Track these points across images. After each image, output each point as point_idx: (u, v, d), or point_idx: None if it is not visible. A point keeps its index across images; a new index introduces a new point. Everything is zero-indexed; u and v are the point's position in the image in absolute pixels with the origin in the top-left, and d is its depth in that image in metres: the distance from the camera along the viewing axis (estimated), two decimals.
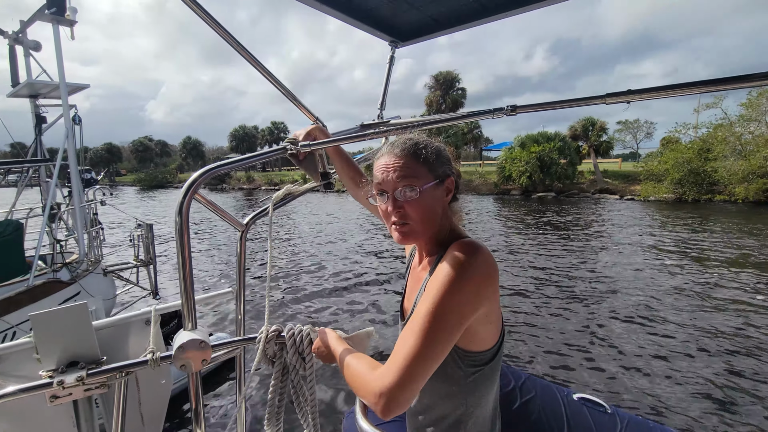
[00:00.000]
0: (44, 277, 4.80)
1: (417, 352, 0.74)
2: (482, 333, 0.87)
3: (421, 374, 0.74)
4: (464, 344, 0.87)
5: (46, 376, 1.06)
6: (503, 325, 0.94)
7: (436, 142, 0.99)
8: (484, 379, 0.91)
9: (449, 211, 0.98)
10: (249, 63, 1.37)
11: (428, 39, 1.89)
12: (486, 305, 0.82)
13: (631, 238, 12.63)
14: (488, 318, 0.85)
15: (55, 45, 4.95)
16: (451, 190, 0.97)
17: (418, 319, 0.78)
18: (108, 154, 67.90)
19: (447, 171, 0.95)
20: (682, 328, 5.82)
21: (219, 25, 1.27)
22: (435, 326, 0.76)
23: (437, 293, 0.78)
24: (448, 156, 0.99)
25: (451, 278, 0.78)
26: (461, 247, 0.83)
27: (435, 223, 0.93)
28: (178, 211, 1.09)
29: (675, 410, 4.01)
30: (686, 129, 25.50)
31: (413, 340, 0.76)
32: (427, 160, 0.91)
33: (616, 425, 1.74)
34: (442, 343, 0.76)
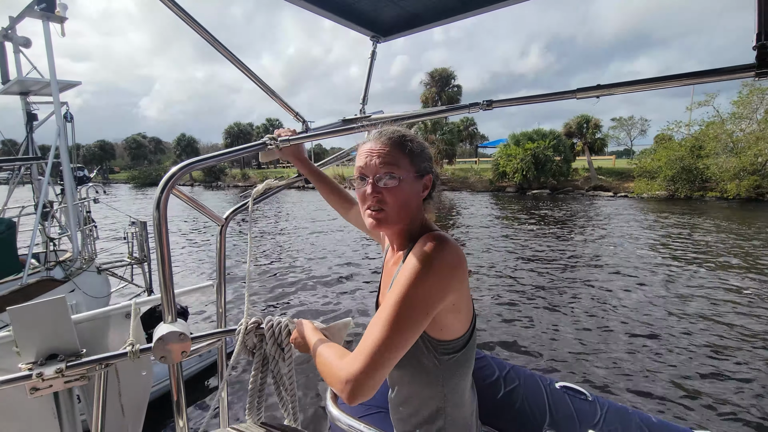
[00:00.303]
0: (38, 275, 4.79)
1: (382, 341, 0.77)
2: (452, 322, 0.90)
3: (387, 362, 0.77)
4: (435, 334, 0.90)
5: (25, 368, 1.08)
6: (474, 314, 0.97)
7: (422, 139, 1.02)
8: (458, 366, 0.94)
9: (423, 208, 1.00)
10: (233, 64, 1.39)
11: (410, 34, 1.90)
12: (453, 295, 0.84)
13: (622, 234, 12.77)
14: (456, 307, 0.88)
15: (46, 42, 4.92)
16: (428, 187, 0.98)
17: (385, 309, 0.80)
18: (101, 152, 67.36)
19: (428, 168, 0.97)
20: (668, 321, 5.92)
21: (199, 25, 1.28)
22: (401, 316, 0.78)
23: (404, 284, 0.80)
24: (430, 155, 1.01)
25: (418, 269, 0.80)
26: (428, 240, 0.85)
27: (408, 215, 0.95)
28: (156, 206, 1.11)
29: (653, 398, 4.12)
30: (679, 126, 25.68)
31: (379, 329, 0.78)
32: (411, 152, 0.93)
33: (596, 412, 1.79)
34: (407, 331, 0.78)
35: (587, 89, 1.08)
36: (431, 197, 1.02)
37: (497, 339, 5.51)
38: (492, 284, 7.90)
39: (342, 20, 1.74)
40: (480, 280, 8.16)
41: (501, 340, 5.48)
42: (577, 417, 1.79)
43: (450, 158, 32.59)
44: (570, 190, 27.91)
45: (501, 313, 6.40)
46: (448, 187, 32.87)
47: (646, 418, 1.75)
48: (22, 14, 5.12)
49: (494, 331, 5.78)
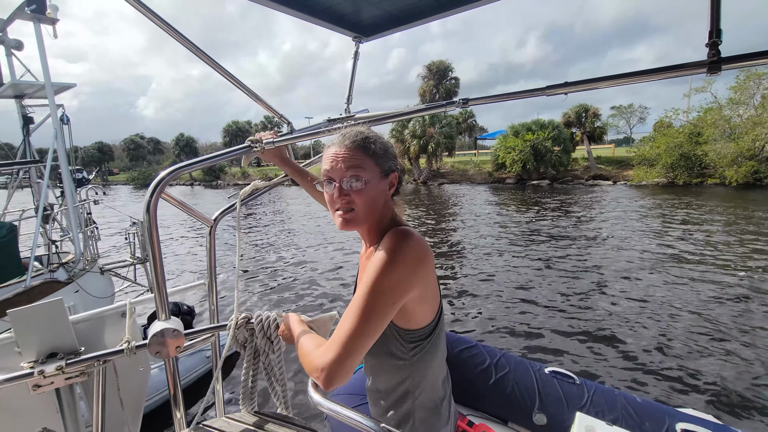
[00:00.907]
0: (41, 277, 4.84)
1: (353, 331, 0.83)
2: (418, 312, 0.95)
3: (357, 349, 0.83)
4: (402, 323, 0.96)
5: (27, 366, 1.14)
6: (441, 304, 1.02)
7: (384, 138, 1.05)
8: (425, 353, 0.99)
9: (391, 203, 1.05)
10: (215, 70, 1.43)
11: (391, 33, 1.94)
12: (419, 286, 0.90)
13: (619, 222, 12.81)
14: (423, 298, 0.93)
15: (38, 44, 4.91)
16: (394, 184, 1.03)
17: (354, 301, 0.86)
18: (99, 153, 67.21)
19: (392, 166, 1.01)
20: (661, 306, 6.01)
21: (181, 35, 1.32)
22: (369, 306, 0.84)
23: (371, 277, 0.85)
24: (394, 152, 1.05)
25: (384, 263, 0.85)
26: (394, 235, 0.90)
27: (376, 213, 1.00)
28: (146, 210, 1.17)
29: (639, 380, 4.25)
30: (677, 113, 25.58)
31: (350, 319, 0.84)
32: (375, 153, 0.97)
33: (584, 394, 1.86)
34: (375, 321, 0.84)
35: (556, 86, 1.13)
36: (398, 192, 1.07)
37: (490, 327, 5.60)
38: (488, 274, 7.98)
39: (323, 23, 1.78)
40: (474, 270, 8.24)
41: (494, 328, 5.58)
42: (565, 400, 1.86)
43: (449, 151, 32.55)
44: (570, 180, 27.91)
45: (496, 303, 6.48)
46: (448, 180, 32.88)
47: (631, 399, 1.81)
48: (12, 16, 5.08)
49: (488, 319, 5.87)
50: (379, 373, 1.07)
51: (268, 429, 1.33)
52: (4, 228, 4.79)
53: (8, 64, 5.41)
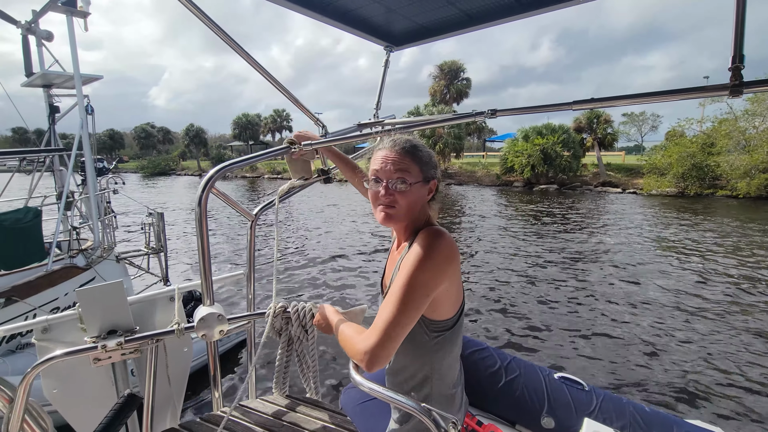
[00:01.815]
0: (61, 262, 5.00)
1: (392, 319, 0.93)
2: (443, 305, 1.06)
3: (397, 336, 0.94)
4: (429, 314, 1.07)
5: (90, 341, 1.27)
6: (463, 300, 1.13)
7: (429, 148, 1.16)
8: (445, 343, 1.10)
9: (427, 207, 1.15)
10: (253, 68, 1.53)
11: (420, 44, 2.04)
12: (447, 282, 1.01)
13: (628, 231, 12.79)
14: (448, 293, 1.04)
15: (69, 36, 5.06)
16: (432, 191, 1.14)
17: (393, 292, 0.97)
18: (111, 141, 68.00)
19: (434, 175, 1.13)
20: (670, 316, 6.04)
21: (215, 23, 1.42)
22: (407, 297, 0.94)
23: (408, 271, 0.96)
24: (436, 163, 1.16)
25: (420, 259, 0.96)
26: (428, 233, 1.02)
27: (414, 214, 1.11)
28: (198, 203, 1.29)
29: (648, 390, 4.30)
30: (690, 123, 25.32)
31: (390, 309, 0.95)
32: (420, 161, 1.09)
33: (592, 401, 1.93)
34: (412, 310, 0.95)
35: (582, 102, 1.22)
36: (434, 199, 1.17)
37: (499, 331, 5.69)
38: (496, 278, 8.06)
39: (357, 32, 1.88)
40: (484, 274, 8.32)
41: (503, 332, 5.66)
42: (574, 405, 1.93)
43: (457, 152, 32.49)
44: (578, 186, 27.77)
45: (503, 306, 6.57)
46: (455, 180, 32.85)
47: (639, 407, 1.86)
48: (45, 8, 5.25)
49: (497, 323, 5.95)
50: (401, 357, 1.17)
51: (300, 411, 1.44)
52: (30, 212, 4.95)
53: (38, 54, 5.58)
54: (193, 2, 1.36)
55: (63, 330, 1.34)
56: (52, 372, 1.31)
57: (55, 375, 1.32)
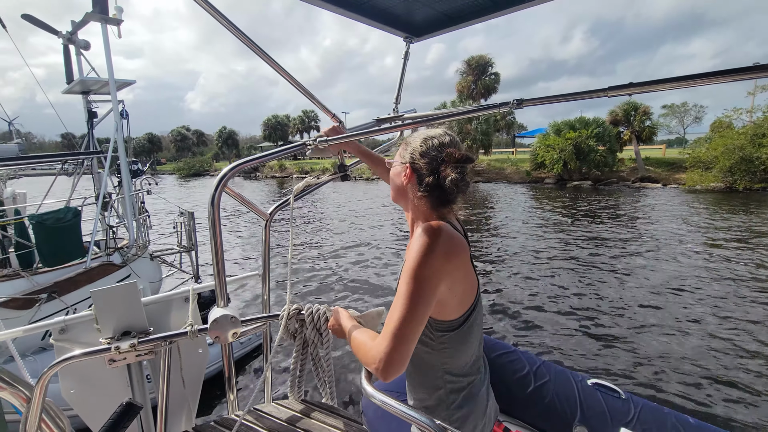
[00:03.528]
0: (99, 260, 5.24)
1: (403, 319, 0.87)
2: (447, 304, 0.98)
3: (410, 337, 0.87)
4: (432, 313, 0.98)
5: (105, 342, 1.26)
6: (476, 302, 1.03)
7: (431, 137, 1.06)
8: (452, 343, 1.02)
9: (423, 201, 1.04)
10: (272, 67, 1.49)
11: (442, 33, 1.94)
12: (447, 279, 0.93)
13: (670, 230, 12.06)
14: (452, 291, 0.96)
15: (104, 43, 5.29)
16: (407, 177, 1.06)
17: (399, 293, 0.91)
18: (150, 144, 71.38)
19: (410, 159, 1.06)
20: (719, 323, 5.61)
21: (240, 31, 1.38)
22: (415, 294, 0.88)
23: (408, 268, 0.90)
24: (423, 150, 1.04)
25: (415, 254, 0.90)
26: (421, 229, 0.94)
27: (406, 202, 1.10)
28: (211, 203, 1.25)
29: (692, 400, 4.00)
30: (739, 113, 23.59)
31: (398, 309, 0.89)
32: (405, 142, 1.10)
33: (630, 410, 1.77)
34: (421, 307, 0.88)
35: (618, 87, 1.08)
36: (428, 192, 1.02)
37: (529, 333, 5.47)
38: (528, 279, 7.78)
39: (375, 23, 1.80)
40: (514, 275, 8.06)
41: (533, 335, 5.44)
42: (609, 414, 1.78)
43: (485, 148, 31.79)
44: (614, 182, 26.52)
45: (533, 308, 6.32)
46: (483, 178, 32.21)
47: (683, 419, 1.71)
48: (85, 19, 5.53)
49: (527, 325, 5.73)
50: (413, 358, 1.10)
51: (314, 417, 1.38)
52: (70, 212, 5.21)
53: (77, 63, 5.87)
54: (216, 9, 1.33)
55: (80, 330, 1.34)
56: (69, 372, 1.32)
57: (73, 375, 1.33)
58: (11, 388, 1.07)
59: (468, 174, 1.04)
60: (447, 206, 1.04)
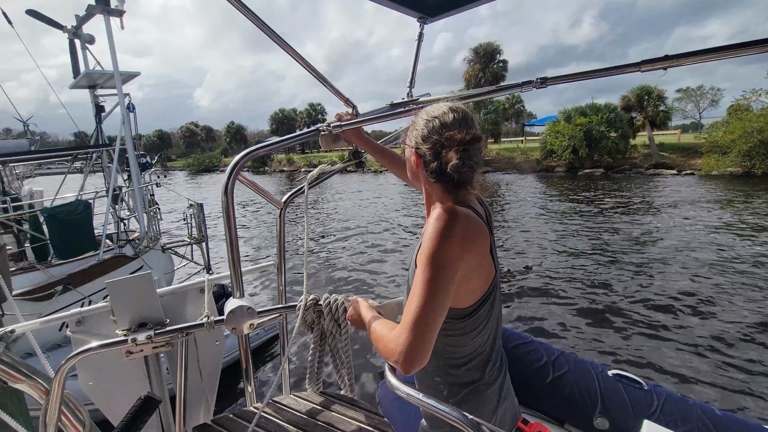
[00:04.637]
0: (111, 252, 5.30)
1: (421, 308, 0.82)
2: (456, 291, 0.91)
3: (431, 326, 0.82)
4: None
5: (121, 334, 1.24)
6: (490, 292, 0.98)
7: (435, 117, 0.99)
8: (456, 332, 0.98)
9: (437, 185, 0.99)
10: (284, 50, 1.43)
11: (458, 12, 1.84)
12: (464, 266, 0.87)
13: (687, 216, 11.81)
14: (464, 279, 0.90)
15: (108, 35, 5.27)
16: (417, 162, 1.00)
17: (415, 282, 0.86)
18: (159, 141, 71.96)
19: (415, 144, 1.00)
20: (741, 312, 5.49)
21: (255, 15, 1.33)
22: (433, 281, 0.83)
23: (424, 255, 0.85)
24: (425, 133, 0.98)
25: (430, 239, 0.85)
26: (436, 213, 0.89)
27: (419, 184, 1.06)
28: (224, 192, 1.21)
29: (717, 390, 3.90)
30: (758, 95, 22.88)
31: (416, 299, 0.83)
32: (413, 125, 1.02)
33: (653, 401, 1.73)
34: (440, 295, 0.83)
35: (652, 61, 0.98)
36: (440, 176, 0.96)
37: (547, 324, 5.41)
38: (541, 269, 7.70)
39: (388, 3, 1.71)
40: (531, 265, 7.98)
41: (549, 325, 5.38)
42: (631, 406, 1.74)
43: (495, 137, 31.40)
44: (627, 169, 26.03)
45: (551, 298, 6.25)
46: (492, 168, 31.89)
47: (709, 410, 1.66)
48: (88, 11, 5.50)
49: (544, 316, 5.67)
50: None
51: (334, 409, 1.36)
52: (81, 205, 5.26)
53: (83, 57, 5.87)
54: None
55: (97, 322, 1.32)
56: (87, 364, 1.30)
57: (90, 368, 1.31)
58: (30, 381, 1.06)
59: (477, 154, 0.95)
60: (460, 189, 0.97)
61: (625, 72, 1.05)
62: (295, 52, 1.43)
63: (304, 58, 1.49)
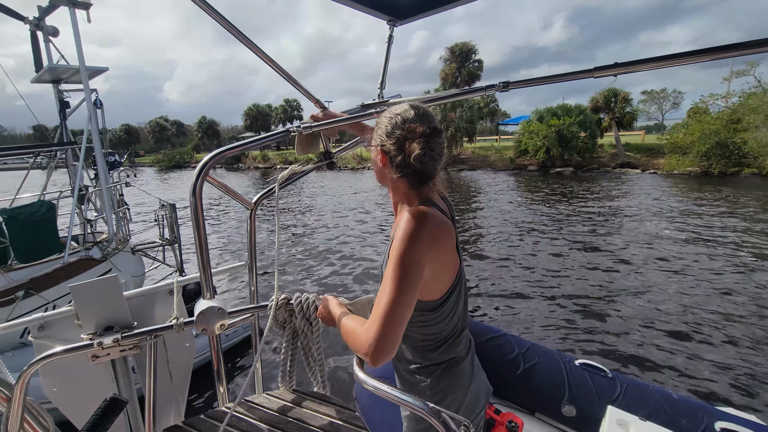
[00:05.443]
0: (77, 255, 5.08)
1: (390, 303, 0.87)
2: (426, 286, 0.98)
3: (399, 321, 0.87)
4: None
5: (87, 338, 1.22)
6: (456, 284, 1.04)
7: (398, 114, 1.03)
8: (428, 322, 1.04)
9: (403, 183, 1.03)
10: (251, 50, 1.43)
11: (427, 16, 1.88)
12: (432, 264, 0.93)
13: (648, 213, 12.40)
14: (433, 275, 0.96)
15: (73, 29, 5.04)
16: (383, 161, 1.04)
17: (385, 279, 0.91)
18: (126, 136, 69.10)
19: (379, 142, 1.05)
20: (695, 301, 5.83)
21: (220, 14, 1.32)
22: (399, 281, 0.88)
23: (395, 253, 0.90)
24: (389, 130, 1.02)
25: (401, 239, 0.90)
26: (405, 214, 0.95)
27: (386, 183, 1.09)
28: (192, 193, 1.21)
29: (676, 376, 4.15)
30: (715, 99, 24.21)
31: (385, 295, 0.88)
32: (377, 124, 1.07)
33: (616, 388, 1.84)
34: (408, 292, 0.89)
35: (604, 68, 1.05)
36: (404, 174, 1.00)
37: (517, 317, 5.58)
38: (512, 264, 7.91)
39: (358, 5, 1.74)
40: (499, 260, 8.18)
41: (520, 318, 5.55)
42: (596, 392, 1.84)
43: (470, 136, 31.89)
44: (595, 168, 27.01)
45: (521, 292, 6.44)
46: (468, 166, 32.38)
47: (666, 394, 1.78)
48: (52, 2, 5.24)
49: (514, 309, 5.84)
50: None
51: (306, 406, 1.38)
52: (44, 206, 5.03)
53: (46, 50, 5.59)
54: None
55: (60, 327, 1.30)
56: (50, 370, 1.28)
57: (54, 373, 1.29)
58: None
59: (438, 147, 0.99)
60: (424, 184, 1.02)
61: (579, 78, 1.13)
62: (262, 51, 1.43)
63: (272, 59, 1.49)
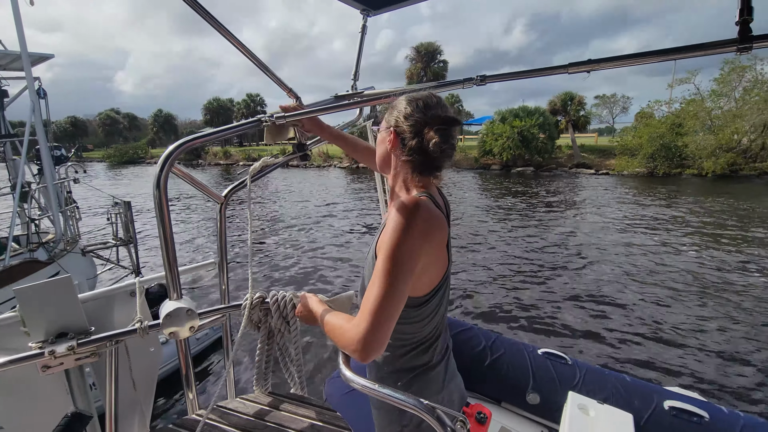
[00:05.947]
0: (21, 257, 4.68)
1: (381, 298, 0.83)
2: (415, 282, 0.94)
3: (390, 315, 0.83)
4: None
5: (36, 347, 1.09)
6: (443, 281, 1.01)
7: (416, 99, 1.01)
8: (410, 319, 1.01)
9: (405, 168, 1.02)
10: (222, 35, 1.34)
11: (402, 6, 1.86)
12: (424, 258, 0.90)
13: (599, 211, 13.15)
14: (423, 270, 0.93)
15: (14, 12, 4.62)
16: (392, 143, 1.02)
17: (376, 272, 0.87)
18: (73, 128, 64.39)
19: (394, 123, 1.02)
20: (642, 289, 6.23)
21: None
22: (391, 275, 0.84)
23: (386, 246, 0.86)
24: (408, 111, 0.99)
25: (393, 231, 0.86)
26: (399, 204, 0.90)
27: (388, 170, 1.07)
28: (156, 185, 1.11)
29: (628, 360, 4.46)
30: (659, 104, 26.00)
31: (376, 289, 0.84)
32: (392, 106, 1.04)
33: (575, 374, 1.94)
34: (400, 286, 0.85)
35: (578, 64, 1.09)
36: (412, 159, 0.99)
37: (484, 311, 5.73)
38: (478, 260, 8.10)
39: None
40: (468, 256, 8.35)
41: (487, 311, 5.71)
42: (558, 379, 1.94)
43: None
44: (554, 168, 28.23)
45: (487, 286, 6.61)
46: None
47: (621, 378, 1.91)
48: None
49: (481, 303, 5.98)
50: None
51: (283, 408, 1.32)
52: None
53: None
54: None
55: (3, 335, 1.16)
56: None
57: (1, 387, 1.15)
58: None
59: (455, 137, 0.99)
60: (430, 173, 1.01)
61: (555, 73, 1.16)
62: (234, 38, 1.35)
63: (244, 45, 1.41)
